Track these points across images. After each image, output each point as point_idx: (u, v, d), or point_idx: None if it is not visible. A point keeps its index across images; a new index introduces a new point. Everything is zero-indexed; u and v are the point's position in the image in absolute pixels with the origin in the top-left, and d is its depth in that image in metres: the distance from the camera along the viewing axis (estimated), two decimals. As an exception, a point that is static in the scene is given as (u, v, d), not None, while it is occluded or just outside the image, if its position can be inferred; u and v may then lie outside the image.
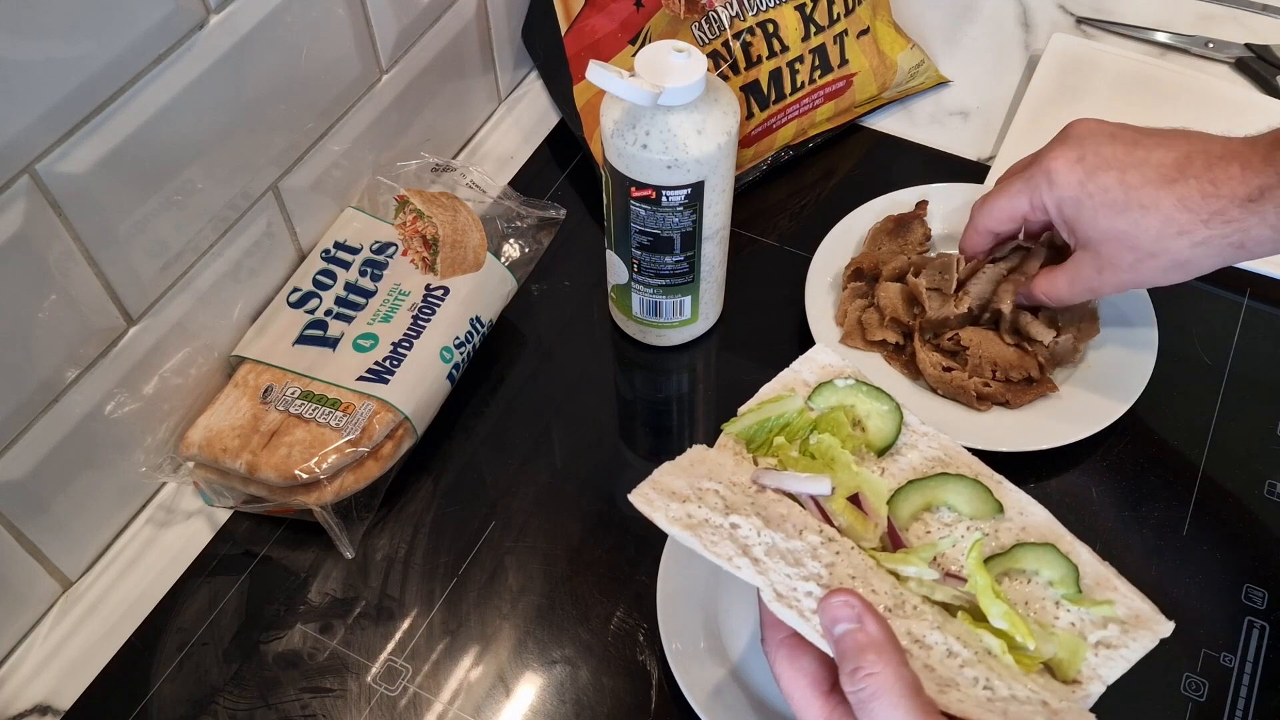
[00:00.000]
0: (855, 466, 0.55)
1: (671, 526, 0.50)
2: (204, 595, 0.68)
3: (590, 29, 0.84)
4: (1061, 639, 0.49)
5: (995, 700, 0.45)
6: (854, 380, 0.59)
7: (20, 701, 0.65)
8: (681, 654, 0.63)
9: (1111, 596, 0.51)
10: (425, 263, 0.76)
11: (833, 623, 0.45)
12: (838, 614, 0.45)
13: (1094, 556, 0.52)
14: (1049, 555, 0.52)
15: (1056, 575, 0.51)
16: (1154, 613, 0.50)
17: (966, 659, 0.47)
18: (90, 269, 0.61)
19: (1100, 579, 0.51)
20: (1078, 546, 0.52)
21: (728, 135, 0.66)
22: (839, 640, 0.45)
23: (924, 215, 0.82)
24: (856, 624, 0.44)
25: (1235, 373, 0.77)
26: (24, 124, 0.54)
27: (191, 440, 0.69)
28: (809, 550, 0.49)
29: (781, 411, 0.57)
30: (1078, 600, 0.50)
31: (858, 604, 0.45)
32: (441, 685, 0.65)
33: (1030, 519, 0.54)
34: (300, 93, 0.71)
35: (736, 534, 0.50)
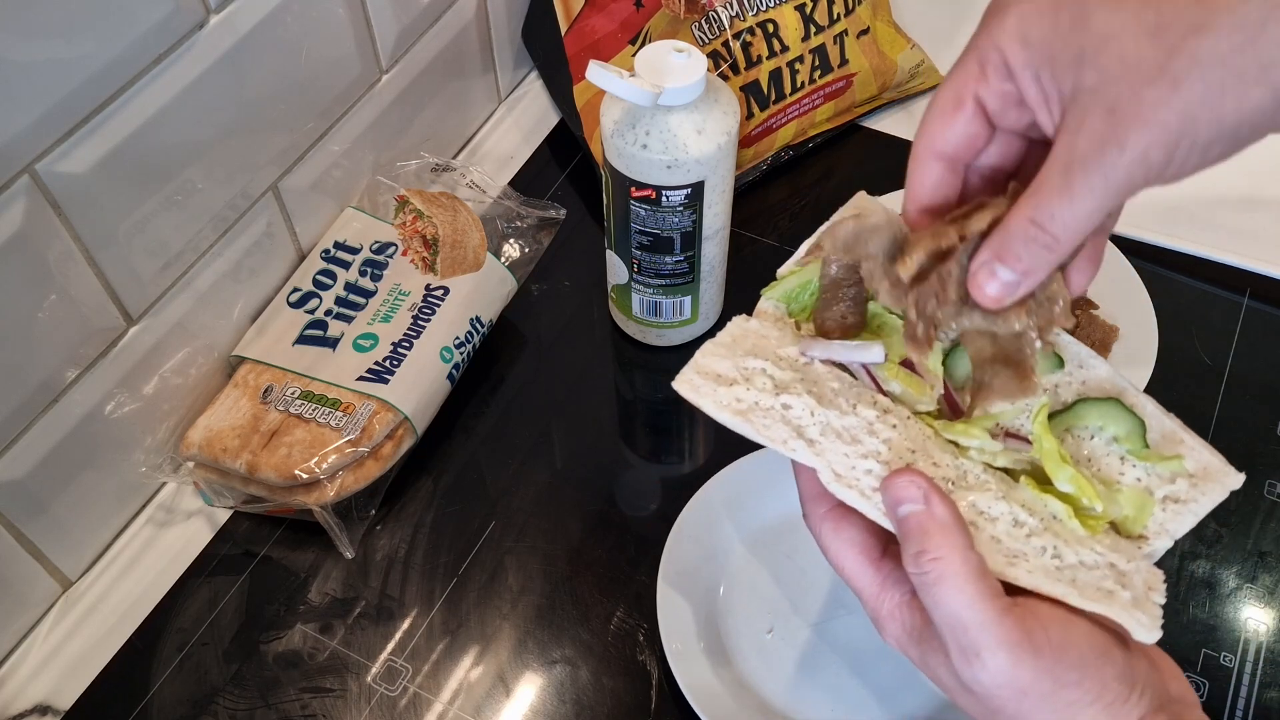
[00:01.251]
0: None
1: (720, 413, 0.47)
2: (204, 595, 0.68)
3: (590, 29, 0.84)
4: (1128, 496, 0.47)
5: (1064, 569, 0.44)
6: None
7: (20, 701, 0.65)
8: (681, 654, 0.63)
9: (1180, 450, 0.47)
10: (425, 263, 0.76)
11: (896, 503, 0.43)
12: (902, 494, 0.43)
13: (1159, 409, 0.48)
14: (1114, 410, 0.48)
15: (1122, 431, 0.48)
16: (1224, 465, 0.47)
17: (1033, 528, 0.45)
18: (90, 269, 0.61)
19: (1167, 433, 0.48)
20: (1142, 400, 0.49)
21: (728, 135, 0.66)
22: (903, 521, 0.43)
23: None
24: (922, 505, 0.42)
25: (1235, 373, 0.77)
26: (24, 124, 0.54)
27: (191, 440, 0.69)
28: (865, 426, 0.47)
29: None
30: (1145, 456, 0.47)
31: (924, 484, 0.43)
32: (441, 685, 0.65)
33: (1091, 373, 0.50)
34: (300, 93, 0.71)
35: (789, 415, 0.47)
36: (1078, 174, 0.38)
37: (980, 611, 0.41)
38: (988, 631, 0.41)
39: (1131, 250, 0.80)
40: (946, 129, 0.43)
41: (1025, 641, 0.41)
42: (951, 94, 0.42)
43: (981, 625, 0.41)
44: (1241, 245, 0.82)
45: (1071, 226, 0.39)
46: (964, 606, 0.41)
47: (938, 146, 0.43)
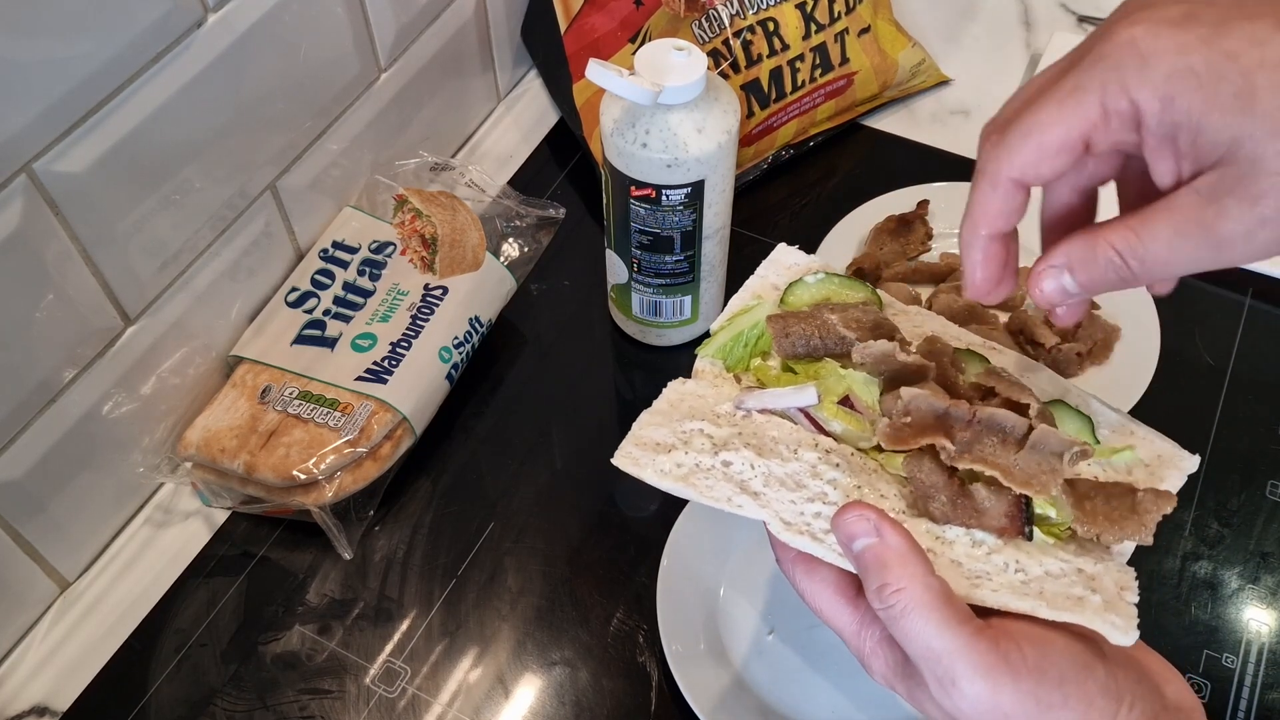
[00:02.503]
0: (841, 369, 0.50)
1: (662, 482, 0.48)
2: (202, 596, 0.68)
3: (590, 27, 0.84)
4: None
5: (1029, 582, 0.44)
6: (824, 273, 0.53)
7: (18, 703, 0.65)
8: (681, 655, 0.62)
9: (1131, 441, 0.47)
10: (424, 262, 0.75)
11: (849, 539, 0.42)
12: (853, 529, 0.42)
13: (1104, 404, 0.49)
14: (1061, 412, 0.48)
15: (1071, 430, 0.47)
16: (1175, 449, 0.47)
17: (993, 545, 0.45)
18: (88, 268, 0.61)
19: (1116, 426, 0.48)
20: (1086, 397, 0.49)
21: (728, 134, 0.66)
22: (859, 556, 0.42)
23: (925, 214, 0.81)
24: (875, 537, 0.41)
25: (1237, 373, 0.76)
26: (21, 123, 0.54)
27: (189, 440, 0.68)
28: (808, 469, 0.47)
29: (754, 321, 0.53)
30: (1098, 452, 0.47)
31: (873, 515, 0.42)
32: (440, 687, 0.64)
33: (1033, 379, 0.50)
34: (298, 91, 0.71)
35: (731, 471, 0.47)
36: (1192, 237, 0.37)
37: (950, 639, 0.40)
38: (961, 659, 0.39)
39: (1133, 250, 0.80)
40: (1042, 165, 0.39)
41: (1002, 665, 0.39)
42: (1060, 135, 0.38)
43: (953, 653, 0.39)
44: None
45: (1155, 273, 0.39)
46: (933, 635, 0.40)
47: (1026, 179, 0.40)
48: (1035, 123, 0.39)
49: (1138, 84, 0.36)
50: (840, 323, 0.49)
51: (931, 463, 0.45)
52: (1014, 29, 1.01)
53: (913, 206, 0.82)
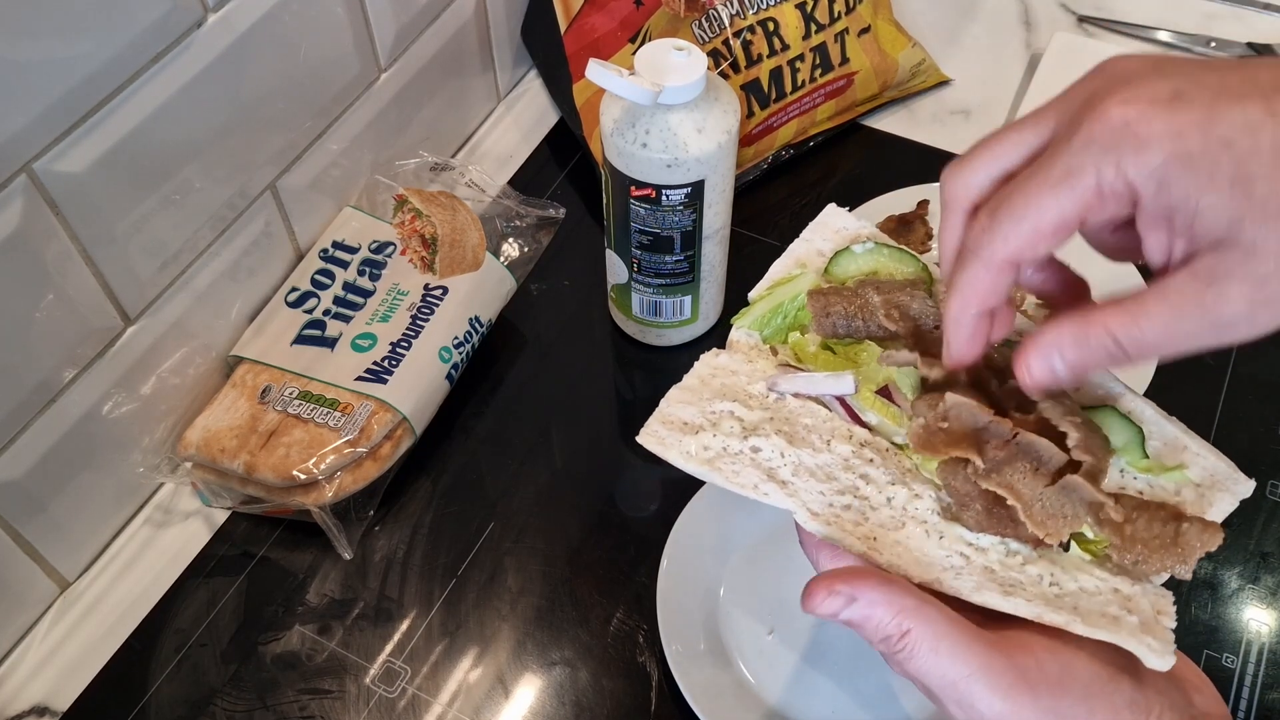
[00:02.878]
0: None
1: (687, 464, 0.46)
2: (202, 596, 0.68)
3: (590, 27, 0.84)
4: None
5: (1064, 596, 0.42)
6: (874, 243, 0.50)
7: (18, 703, 0.65)
8: (681, 655, 0.62)
9: (1184, 459, 0.44)
10: (424, 262, 0.75)
11: (830, 616, 0.41)
12: (828, 609, 0.40)
13: (1160, 413, 0.45)
14: (1109, 419, 0.45)
15: (1119, 442, 0.45)
16: (1232, 470, 0.44)
17: (1028, 556, 0.43)
18: (88, 268, 0.61)
19: (1169, 439, 0.45)
20: (1140, 404, 0.45)
21: (728, 134, 0.66)
22: (849, 623, 0.41)
23: (925, 215, 0.81)
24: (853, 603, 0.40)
25: (1237, 373, 0.76)
26: (21, 123, 0.54)
27: (189, 440, 0.68)
28: (841, 463, 0.45)
29: (795, 293, 0.50)
30: (1145, 468, 0.44)
31: (838, 585, 0.40)
32: (440, 687, 0.64)
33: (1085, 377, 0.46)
34: (298, 91, 0.71)
35: (759, 458, 0.45)
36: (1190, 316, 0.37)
37: (964, 664, 0.39)
38: (977, 682, 0.38)
39: (1133, 250, 0.80)
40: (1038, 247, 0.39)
41: (1021, 683, 0.38)
42: (1057, 217, 0.38)
43: (969, 677, 0.39)
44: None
45: (1150, 355, 0.39)
46: (947, 665, 0.39)
47: (1023, 259, 0.39)
48: (1028, 207, 0.38)
49: (1135, 168, 0.36)
50: (882, 307, 0.46)
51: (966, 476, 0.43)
52: (1014, 29, 1.01)
53: (913, 206, 0.82)
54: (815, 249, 0.51)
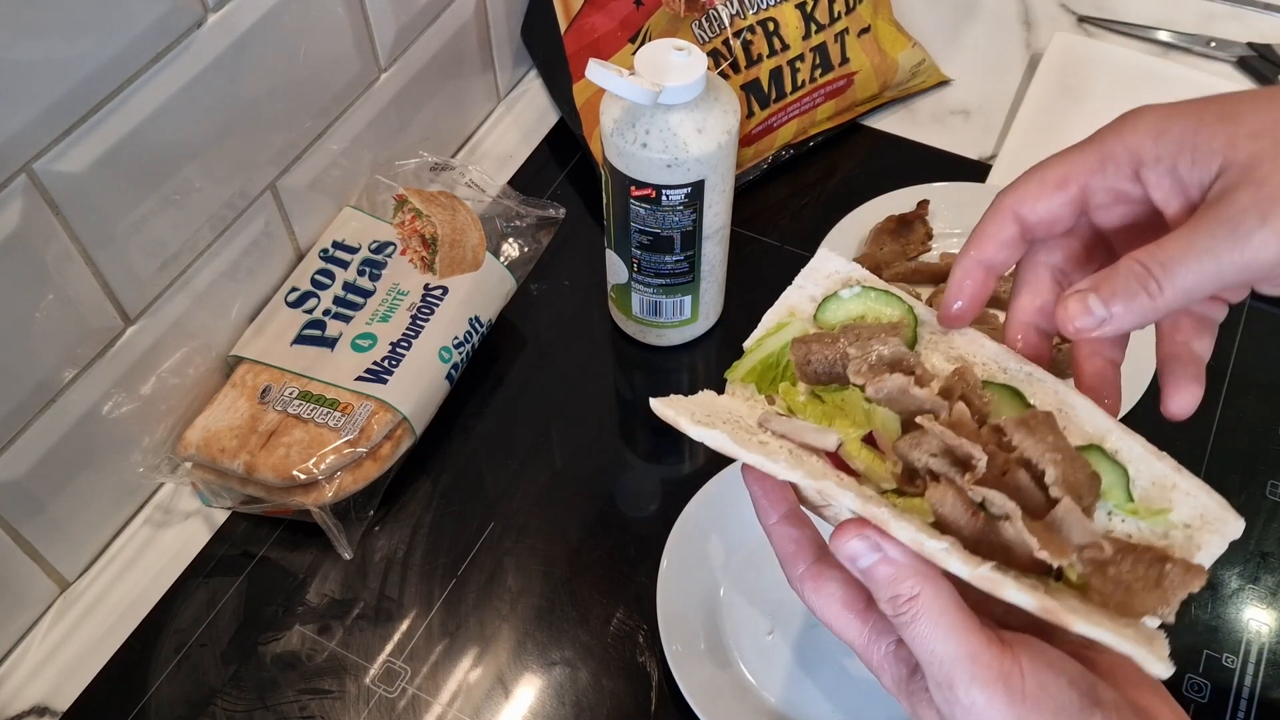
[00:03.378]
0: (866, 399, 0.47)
1: (695, 427, 0.45)
2: (202, 596, 0.68)
3: (590, 27, 0.84)
4: None
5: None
6: (861, 286, 0.50)
7: (18, 703, 0.65)
8: (682, 655, 0.62)
9: (1172, 498, 0.43)
10: (424, 262, 0.75)
11: (852, 559, 0.42)
12: (854, 550, 0.41)
13: (1148, 450, 0.44)
14: (1093, 460, 0.44)
15: (1104, 483, 0.44)
16: (1223, 509, 0.43)
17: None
18: (88, 268, 0.61)
19: (1158, 477, 0.44)
20: (1128, 441, 0.44)
21: (728, 134, 0.66)
22: (866, 572, 0.41)
23: (925, 215, 0.81)
24: (878, 553, 0.41)
25: (1237, 373, 0.76)
26: (21, 123, 0.54)
27: (189, 440, 0.68)
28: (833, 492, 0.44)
29: (783, 343, 0.50)
30: (1131, 510, 0.44)
31: (871, 533, 0.41)
32: (440, 687, 0.64)
33: (1071, 415, 0.46)
34: (298, 91, 0.71)
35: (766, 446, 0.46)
36: (1204, 232, 0.39)
37: (957, 644, 0.39)
38: (962, 666, 0.39)
39: (1133, 250, 0.80)
40: (1039, 200, 0.44)
41: (1000, 682, 0.39)
42: (1060, 173, 0.43)
43: (957, 659, 0.39)
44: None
45: (1179, 281, 0.39)
46: (941, 640, 0.40)
47: (1023, 211, 0.44)
48: (1039, 167, 0.44)
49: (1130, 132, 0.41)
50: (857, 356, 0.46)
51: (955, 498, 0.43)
52: (1014, 29, 1.01)
53: (913, 206, 0.82)
54: (807, 295, 0.52)
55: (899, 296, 0.50)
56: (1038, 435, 0.43)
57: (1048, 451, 0.43)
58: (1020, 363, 0.48)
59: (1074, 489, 0.42)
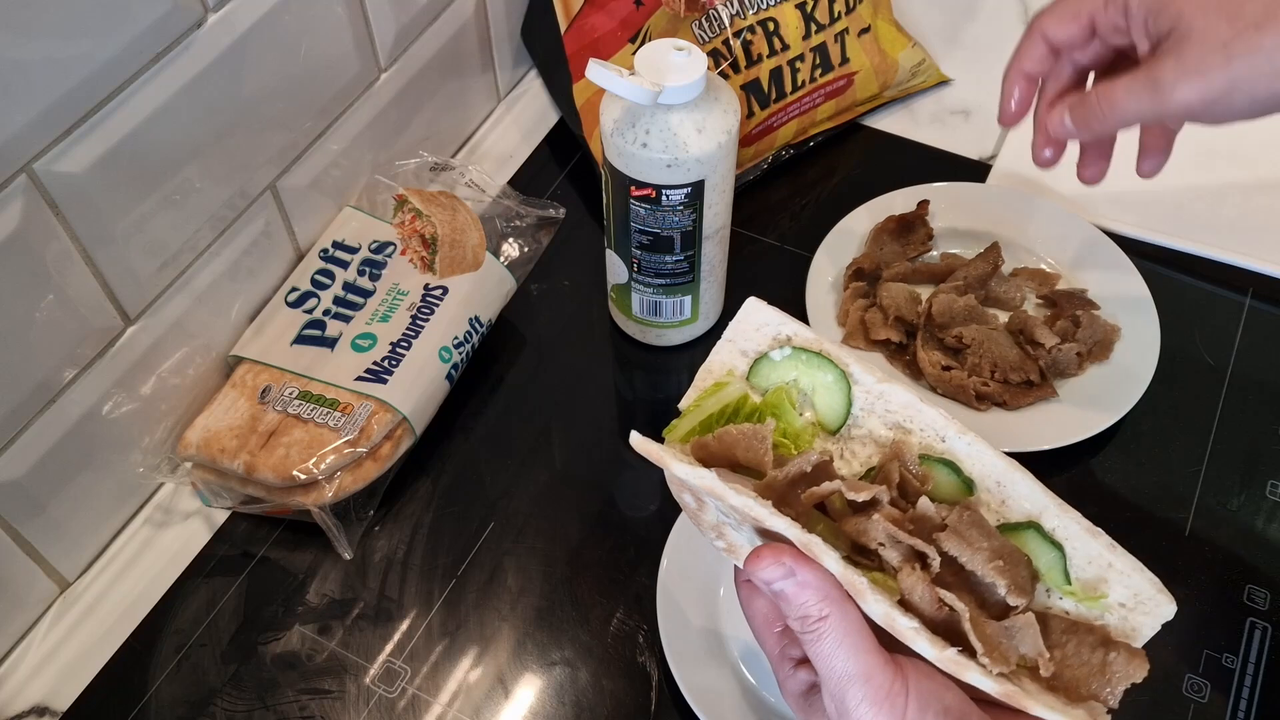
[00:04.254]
0: None
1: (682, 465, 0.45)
2: (202, 596, 0.68)
3: (590, 27, 0.84)
4: None
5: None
6: (791, 349, 0.50)
7: (18, 703, 0.65)
8: (682, 655, 0.62)
9: (1107, 578, 0.45)
10: (424, 262, 0.75)
11: (766, 583, 0.44)
12: (769, 575, 0.44)
13: (1084, 527, 0.45)
14: (1031, 542, 0.46)
15: (1042, 566, 0.45)
16: (1156, 593, 0.44)
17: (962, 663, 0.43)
18: (88, 268, 0.61)
19: (1094, 556, 0.45)
20: (1065, 520, 0.45)
21: (728, 134, 0.66)
22: (777, 595, 0.44)
23: (926, 215, 0.81)
24: (791, 577, 0.43)
25: (1237, 373, 0.76)
26: (21, 123, 0.54)
27: (189, 440, 0.68)
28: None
29: (722, 405, 0.49)
30: (1069, 593, 0.45)
31: (786, 559, 0.43)
32: (440, 687, 0.64)
33: (1009, 490, 0.46)
34: (298, 91, 0.71)
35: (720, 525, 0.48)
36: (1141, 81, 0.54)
37: (856, 664, 0.42)
38: (856, 684, 0.42)
39: (1134, 250, 0.80)
40: (1062, 27, 0.59)
41: (886, 702, 0.42)
42: (1074, 8, 0.58)
43: (853, 677, 0.42)
44: (1244, 245, 0.82)
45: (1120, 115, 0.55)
46: (843, 659, 0.42)
47: (1051, 34, 0.59)
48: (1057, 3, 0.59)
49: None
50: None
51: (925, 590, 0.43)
52: (1014, 29, 1.01)
53: (913, 207, 0.82)
54: (739, 349, 0.51)
55: (831, 361, 0.49)
56: (973, 544, 0.44)
57: (988, 562, 0.44)
58: (960, 432, 0.47)
59: (1021, 589, 0.44)
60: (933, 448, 0.48)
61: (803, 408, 0.50)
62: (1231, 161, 0.87)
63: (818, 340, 0.50)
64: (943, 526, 0.45)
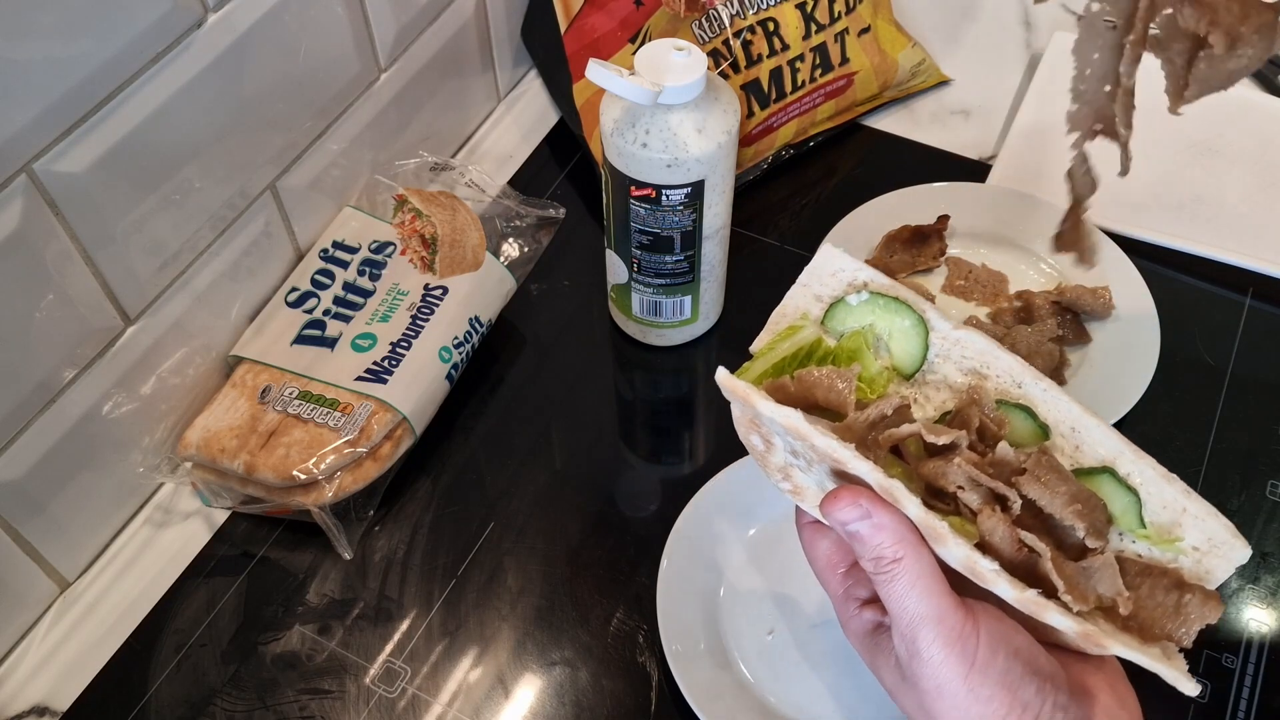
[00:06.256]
0: None
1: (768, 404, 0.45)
2: (202, 596, 0.68)
3: (590, 27, 0.84)
4: None
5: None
6: (869, 294, 0.50)
7: (18, 703, 0.65)
8: (682, 655, 0.62)
9: (1181, 522, 0.45)
10: (424, 262, 0.75)
11: (842, 524, 0.45)
12: (845, 516, 0.44)
13: (1159, 473, 0.45)
14: (1106, 486, 0.46)
15: (1117, 509, 0.45)
16: (1231, 535, 0.44)
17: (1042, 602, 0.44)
18: (88, 268, 0.61)
19: (1168, 501, 0.45)
20: (1141, 465, 0.45)
21: (728, 134, 0.66)
22: (852, 535, 0.44)
23: (944, 230, 0.81)
24: (868, 519, 0.44)
25: (1237, 373, 0.76)
26: (21, 123, 0.54)
27: (189, 440, 0.68)
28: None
29: (796, 348, 0.50)
30: (1144, 536, 0.45)
31: (863, 502, 0.44)
32: (440, 687, 0.64)
33: (1084, 435, 0.46)
34: (298, 91, 0.71)
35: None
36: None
37: (929, 605, 0.43)
38: (928, 625, 0.43)
39: (1134, 249, 0.80)
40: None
41: (957, 645, 0.43)
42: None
43: (925, 618, 0.43)
44: (1244, 245, 0.82)
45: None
46: (916, 600, 0.43)
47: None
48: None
49: None
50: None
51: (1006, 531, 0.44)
52: (1014, 29, 1.01)
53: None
54: (813, 294, 0.51)
55: (908, 305, 0.49)
56: (1052, 488, 0.44)
57: (1066, 505, 0.44)
58: (1036, 378, 0.48)
59: (1098, 532, 0.44)
60: (1009, 393, 0.48)
61: (878, 353, 0.50)
62: (1231, 161, 0.87)
63: (894, 286, 0.50)
64: (1021, 470, 0.45)
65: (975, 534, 0.44)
